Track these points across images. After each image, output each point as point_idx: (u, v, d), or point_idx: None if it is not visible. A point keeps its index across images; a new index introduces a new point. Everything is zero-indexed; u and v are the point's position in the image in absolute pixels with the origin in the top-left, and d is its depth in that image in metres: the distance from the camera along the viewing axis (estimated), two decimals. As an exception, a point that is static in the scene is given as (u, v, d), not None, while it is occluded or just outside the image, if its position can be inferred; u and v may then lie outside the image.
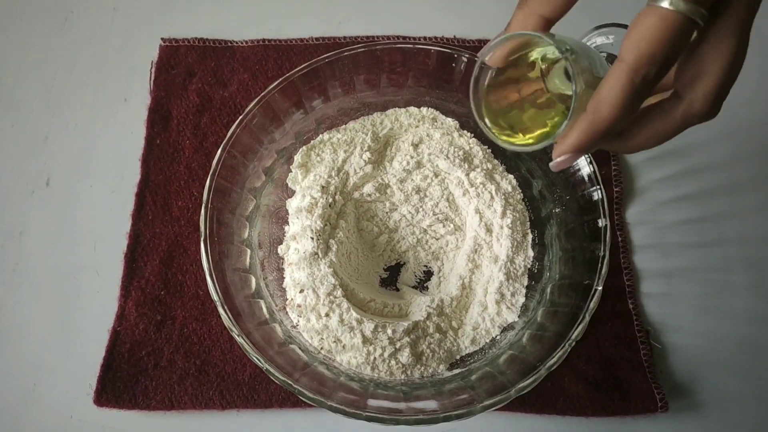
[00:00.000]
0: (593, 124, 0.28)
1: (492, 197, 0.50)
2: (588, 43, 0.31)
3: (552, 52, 0.32)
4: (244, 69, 0.59)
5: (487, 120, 0.35)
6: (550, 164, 0.32)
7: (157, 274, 0.51)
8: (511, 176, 0.52)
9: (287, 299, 0.47)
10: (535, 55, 0.33)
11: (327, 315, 0.45)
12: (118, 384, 0.47)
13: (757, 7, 0.27)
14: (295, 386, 0.38)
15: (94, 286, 0.51)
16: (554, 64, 0.33)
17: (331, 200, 0.50)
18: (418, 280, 0.51)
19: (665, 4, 0.25)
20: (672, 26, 0.25)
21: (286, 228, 0.50)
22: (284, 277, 0.48)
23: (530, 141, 0.34)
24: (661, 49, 0.26)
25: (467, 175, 0.50)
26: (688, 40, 0.26)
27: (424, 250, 0.52)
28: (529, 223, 0.51)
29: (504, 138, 0.34)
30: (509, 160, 0.53)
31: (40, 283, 0.52)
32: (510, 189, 0.51)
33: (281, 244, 0.50)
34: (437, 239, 0.52)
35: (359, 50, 0.50)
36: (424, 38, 0.61)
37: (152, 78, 0.59)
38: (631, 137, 0.31)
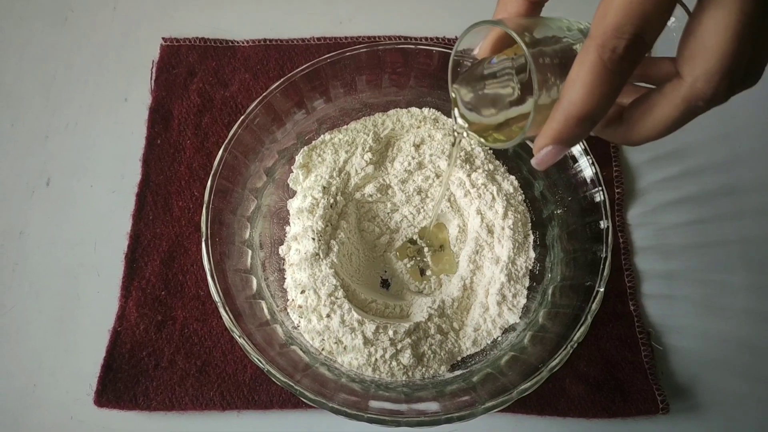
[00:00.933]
0: (566, 110, 0.25)
1: (493, 198, 0.50)
2: None
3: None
4: (246, 69, 0.59)
5: (457, 114, 0.35)
6: (532, 161, 0.29)
7: (158, 274, 0.51)
8: (512, 177, 0.52)
9: (288, 300, 0.47)
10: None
11: (328, 316, 0.45)
12: (118, 384, 0.47)
13: None
14: (297, 387, 0.38)
15: (95, 286, 0.51)
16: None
17: (332, 201, 0.50)
18: (420, 281, 0.51)
19: None
20: None
21: (287, 228, 0.50)
22: (285, 278, 0.48)
23: (502, 138, 0.33)
24: (628, 20, 0.23)
25: (469, 176, 0.50)
26: (667, 9, 0.23)
27: (426, 251, 0.52)
28: (530, 224, 0.51)
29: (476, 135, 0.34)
30: (511, 161, 0.53)
31: (40, 283, 0.52)
32: (511, 190, 0.51)
33: (282, 244, 0.50)
34: (438, 240, 0.52)
35: (361, 50, 0.50)
36: (426, 38, 0.61)
37: (153, 77, 0.59)
38: (632, 125, 0.28)
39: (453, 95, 0.35)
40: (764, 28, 0.24)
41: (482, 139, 0.35)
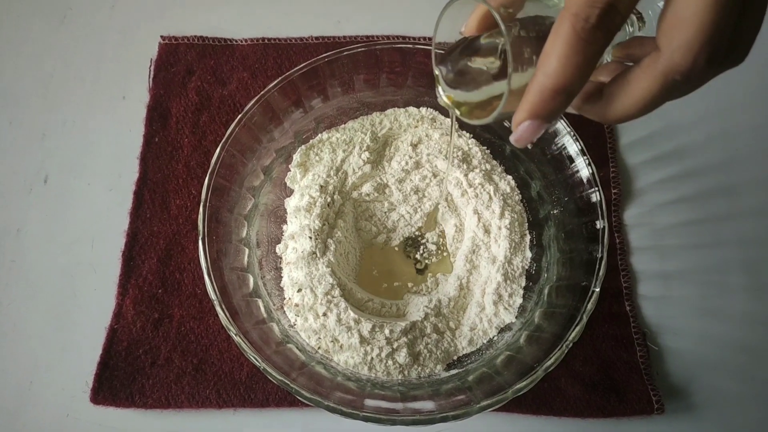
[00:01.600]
0: (541, 82, 0.25)
1: (490, 198, 0.50)
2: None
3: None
4: (244, 67, 0.59)
5: (441, 92, 0.34)
6: (510, 138, 0.29)
7: (155, 272, 0.51)
8: (509, 177, 0.52)
9: (285, 298, 0.47)
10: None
11: (325, 314, 0.45)
12: (114, 382, 0.47)
13: None
14: (293, 386, 0.38)
15: (92, 283, 0.51)
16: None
17: (329, 200, 0.50)
18: (416, 281, 0.51)
19: None
20: None
21: (285, 227, 0.50)
22: (282, 277, 0.48)
23: (484, 114, 0.31)
24: None
25: (466, 175, 0.50)
26: None
27: (422, 251, 0.52)
28: (527, 224, 0.51)
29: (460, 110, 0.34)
30: (508, 160, 0.53)
31: (37, 280, 0.52)
32: (508, 190, 0.51)
33: (279, 243, 0.50)
34: (435, 239, 0.52)
35: (359, 50, 0.50)
36: (424, 38, 0.61)
37: (151, 76, 0.59)
38: (611, 101, 0.27)
39: (437, 73, 0.34)
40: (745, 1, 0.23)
41: (458, 112, 0.34)
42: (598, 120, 0.29)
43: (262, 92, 0.48)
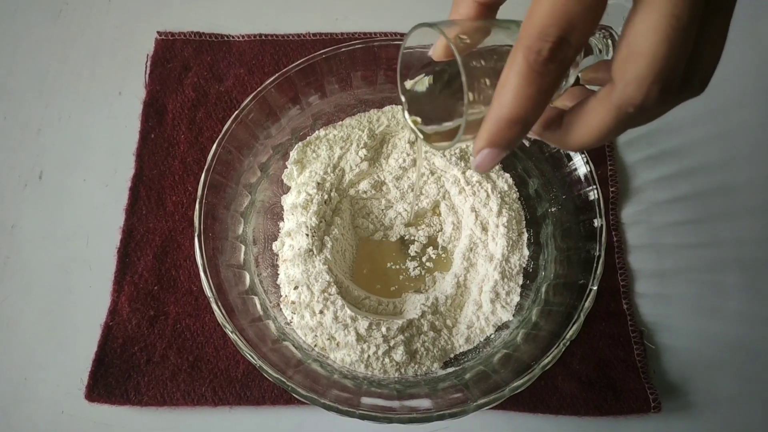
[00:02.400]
0: (497, 112, 0.25)
1: (488, 196, 0.50)
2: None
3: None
4: (241, 64, 0.59)
5: (408, 117, 0.34)
6: (470, 164, 0.29)
7: (151, 269, 0.50)
8: (507, 175, 0.52)
9: (281, 296, 0.47)
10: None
11: (321, 312, 0.45)
12: (109, 379, 0.47)
13: None
14: (289, 383, 0.38)
15: (87, 280, 0.51)
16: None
17: (326, 197, 0.50)
18: (413, 278, 0.51)
19: None
20: None
21: (281, 224, 0.50)
22: (278, 274, 0.48)
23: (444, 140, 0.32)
24: (552, 21, 0.22)
25: (463, 173, 0.50)
26: (593, 10, 0.22)
27: (420, 248, 0.52)
28: (524, 222, 0.51)
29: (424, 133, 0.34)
30: (505, 158, 0.53)
31: (31, 277, 0.51)
32: (506, 188, 0.51)
33: (276, 240, 0.50)
34: (433, 237, 0.52)
35: (357, 46, 0.49)
36: (422, 35, 0.60)
37: (147, 71, 0.59)
38: (568, 130, 0.28)
39: (403, 97, 0.34)
40: (702, 33, 0.23)
41: (422, 136, 0.34)
42: (559, 147, 0.29)
43: (258, 89, 0.48)
